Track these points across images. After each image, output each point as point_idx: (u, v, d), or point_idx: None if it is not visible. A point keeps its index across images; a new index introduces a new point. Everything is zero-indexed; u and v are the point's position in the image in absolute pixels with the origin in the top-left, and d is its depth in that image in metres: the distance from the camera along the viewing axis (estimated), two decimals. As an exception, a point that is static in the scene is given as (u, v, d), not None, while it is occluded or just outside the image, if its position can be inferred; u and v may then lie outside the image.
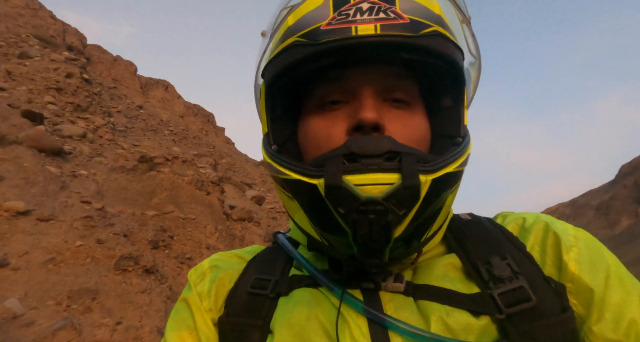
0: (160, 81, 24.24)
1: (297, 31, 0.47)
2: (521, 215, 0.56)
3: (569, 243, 0.49)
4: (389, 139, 0.43)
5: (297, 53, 0.46)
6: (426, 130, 0.52)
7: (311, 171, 0.44)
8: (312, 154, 0.51)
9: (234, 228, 7.79)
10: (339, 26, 0.44)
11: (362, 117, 0.45)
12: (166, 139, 13.75)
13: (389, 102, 0.50)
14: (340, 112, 0.50)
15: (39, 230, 4.17)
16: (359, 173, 0.41)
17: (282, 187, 0.50)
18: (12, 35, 11.24)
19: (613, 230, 70.17)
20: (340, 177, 0.41)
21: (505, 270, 0.47)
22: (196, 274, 0.60)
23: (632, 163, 75.49)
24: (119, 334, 3.34)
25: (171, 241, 5.72)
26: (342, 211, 0.42)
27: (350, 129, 0.47)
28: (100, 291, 3.66)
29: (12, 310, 3.00)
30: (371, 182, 0.40)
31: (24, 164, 5.06)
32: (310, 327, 0.47)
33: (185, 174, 7.40)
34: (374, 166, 0.41)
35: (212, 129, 25.15)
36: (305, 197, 0.46)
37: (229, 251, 0.65)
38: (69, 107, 9.01)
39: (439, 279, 0.49)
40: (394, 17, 0.44)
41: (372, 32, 0.43)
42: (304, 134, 0.53)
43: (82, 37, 17.86)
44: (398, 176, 0.40)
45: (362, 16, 0.43)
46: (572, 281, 0.47)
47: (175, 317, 0.56)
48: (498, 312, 0.44)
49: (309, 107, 0.53)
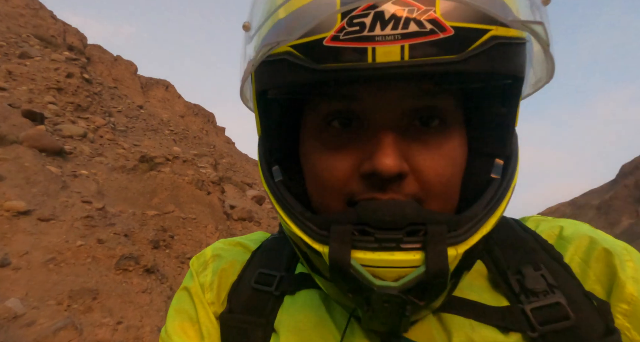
0: (161, 81, 24.25)
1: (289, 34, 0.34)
2: (558, 222, 0.50)
3: (623, 257, 0.43)
4: (411, 206, 0.35)
5: (290, 74, 0.35)
6: (462, 156, 0.41)
7: (315, 233, 0.37)
8: (315, 190, 0.42)
9: (234, 228, 7.80)
10: (350, 45, 0.31)
11: (379, 166, 0.34)
12: (166, 139, 13.75)
13: (417, 128, 0.38)
14: (350, 140, 0.39)
15: (40, 230, 4.17)
16: (372, 251, 0.34)
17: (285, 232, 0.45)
18: (13, 35, 11.25)
19: (614, 230, 70.03)
20: (348, 257, 0.34)
21: (540, 282, 0.41)
22: (198, 262, 0.58)
23: (633, 163, 75.37)
24: (120, 333, 3.34)
25: (172, 240, 5.72)
26: (351, 295, 0.36)
27: (362, 173, 0.37)
28: (101, 291, 3.66)
29: (13, 310, 3.00)
30: (387, 265, 0.33)
31: (24, 164, 5.06)
32: (317, 335, 0.45)
33: (185, 174, 7.41)
34: (392, 244, 0.33)
35: (213, 129, 25.16)
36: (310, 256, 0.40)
37: (232, 238, 0.61)
38: (69, 107, 9.02)
39: (463, 288, 0.43)
40: (431, 29, 0.30)
41: (397, 58, 0.31)
42: (306, 161, 0.43)
43: (82, 37, 17.87)
44: (421, 257, 0.33)
45: (384, 30, 0.30)
46: (629, 302, 0.40)
47: (177, 306, 0.54)
48: (530, 329, 0.39)
49: (311, 125, 0.42)
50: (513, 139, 0.42)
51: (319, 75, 0.33)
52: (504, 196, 0.38)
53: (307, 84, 0.35)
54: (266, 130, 0.46)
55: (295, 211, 0.40)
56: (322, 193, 0.41)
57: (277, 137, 0.47)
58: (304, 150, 0.44)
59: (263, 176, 0.46)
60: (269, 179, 0.45)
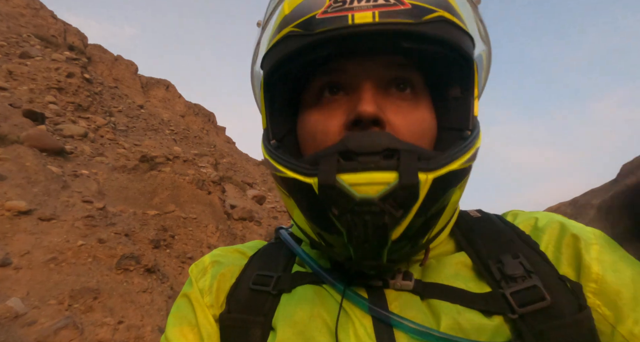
0: (161, 81, 24.25)
1: (292, 20, 0.45)
2: (533, 214, 0.55)
3: (589, 241, 0.47)
4: (387, 135, 0.41)
5: (293, 44, 0.44)
6: (431, 123, 0.49)
7: (306, 169, 0.43)
8: (310, 149, 0.49)
9: (235, 227, 7.80)
10: (335, 14, 0.41)
11: (360, 111, 0.43)
12: (167, 139, 13.76)
13: (391, 94, 0.47)
14: (339, 104, 0.47)
15: (41, 229, 4.18)
16: (355, 172, 0.39)
17: (279, 184, 0.49)
18: (14, 35, 11.25)
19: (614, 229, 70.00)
20: (334, 177, 0.39)
21: (518, 268, 0.45)
22: (197, 269, 0.59)
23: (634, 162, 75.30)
24: (121, 333, 3.35)
25: (172, 240, 5.73)
26: (336, 211, 0.40)
27: (348, 123, 0.45)
28: (101, 291, 3.66)
29: (14, 309, 3.01)
30: (367, 182, 0.38)
31: (25, 164, 5.07)
32: (313, 326, 0.46)
33: (186, 174, 7.41)
34: (371, 165, 0.39)
35: (213, 129, 25.17)
36: (301, 195, 0.45)
37: (230, 246, 0.64)
38: (70, 107, 9.02)
39: (450, 277, 0.48)
40: (395, 2, 0.41)
41: (370, 20, 0.40)
42: (302, 128, 0.51)
43: (83, 37, 17.88)
44: (396, 175, 0.38)
45: (360, 3, 0.41)
46: (596, 281, 0.45)
47: (177, 313, 0.55)
48: (511, 311, 0.43)
49: (308, 100, 0.51)
50: (475, 120, 0.49)
51: (314, 38, 0.43)
52: (469, 148, 0.44)
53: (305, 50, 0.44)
54: (270, 115, 0.53)
55: (290, 160, 0.46)
56: (317, 148, 0.47)
57: (277, 122, 0.54)
58: (301, 121, 0.51)
59: (263, 146, 0.52)
60: (268, 146, 0.51)
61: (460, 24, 0.45)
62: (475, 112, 0.49)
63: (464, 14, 0.48)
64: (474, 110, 0.49)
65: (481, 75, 0.53)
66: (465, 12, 0.49)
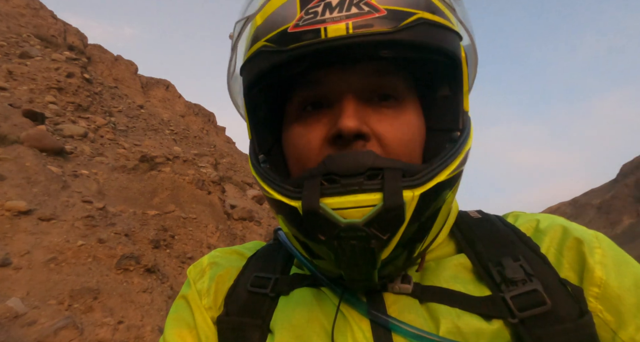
0: (161, 81, 24.25)
1: (264, 34, 0.43)
2: (535, 216, 0.53)
3: (593, 244, 0.46)
4: (370, 154, 0.40)
5: (266, 61, 0.43)
6: (419, 127, 0.48)
7: (290, 192, 0.42)
8: (295, 163, 0.48)
9: (234, 227, 7.80)
10: (307, 28, 0.39)
11: (341, 127, 0.41)
12: (167, 139, 13.76)
13: (374, 103, 0.46)
14: (321, 117, 0.46)
15: (41, 229, 4.18)
16: (338, 195, 0.38)
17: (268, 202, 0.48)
18: (13, 35, 11.25)
19: (614, 229, 70.02)
20: (317, 202, 0.38)
21: (518, 272, 0.44)
22: (195, 270, 0.59)
23: (634, 162, 75.33)
24: (121, 333, 3.35)
25: (172, 240, 5.73)
26: (323, 237, 0.39)
27: (330, 137, 0.43)
28: (101, 290, 3.66)
29: (14, 309, 3.01)
30: (351, 206, 0.38)
31: (25, 164, 5.07)
32: (311, 329, 0.46)
33: (186, 174, 7.41)
34: (355, 187, 0.38)
35: (213, 129, 25.16)
36: (289, 217, 0.44)
37: (229, 247, 0.63)
38: (70, 107, 9.02)
39: (449, 280, 0.47)
40: (369, 10, 0.38)
41: (344, 32, 0.38)
42: (286, 141, 0.50)
43: (82, 37, 17.87)
44: (380, 196, 0.37)
45: (332, 13, 0.39)
46: (599, 285, 0.44)
47: (175, 315, 0.55)
48: (510, 316, 0.42)
49: (291, 112, 0.50)
50: (465, 117, 0.48)
51: (287, 54, 0.41)
52: (458, 154, 0.43)
53: (280, 66, 0.42)
54: (254, 127, 0.52)
55: (275, 181, 0.45)
56: (301, 163, 0.47)
57: (262, 133, 0.53)
58: (285, 135, 0.50)
59: (250, 161, 0.52)
60: (255, 163, 0.50)
61: (443, 21, 0.42)
62: (465, 107, 0.48)
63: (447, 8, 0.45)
64: (463, 107, 0.48)
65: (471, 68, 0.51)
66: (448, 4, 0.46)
